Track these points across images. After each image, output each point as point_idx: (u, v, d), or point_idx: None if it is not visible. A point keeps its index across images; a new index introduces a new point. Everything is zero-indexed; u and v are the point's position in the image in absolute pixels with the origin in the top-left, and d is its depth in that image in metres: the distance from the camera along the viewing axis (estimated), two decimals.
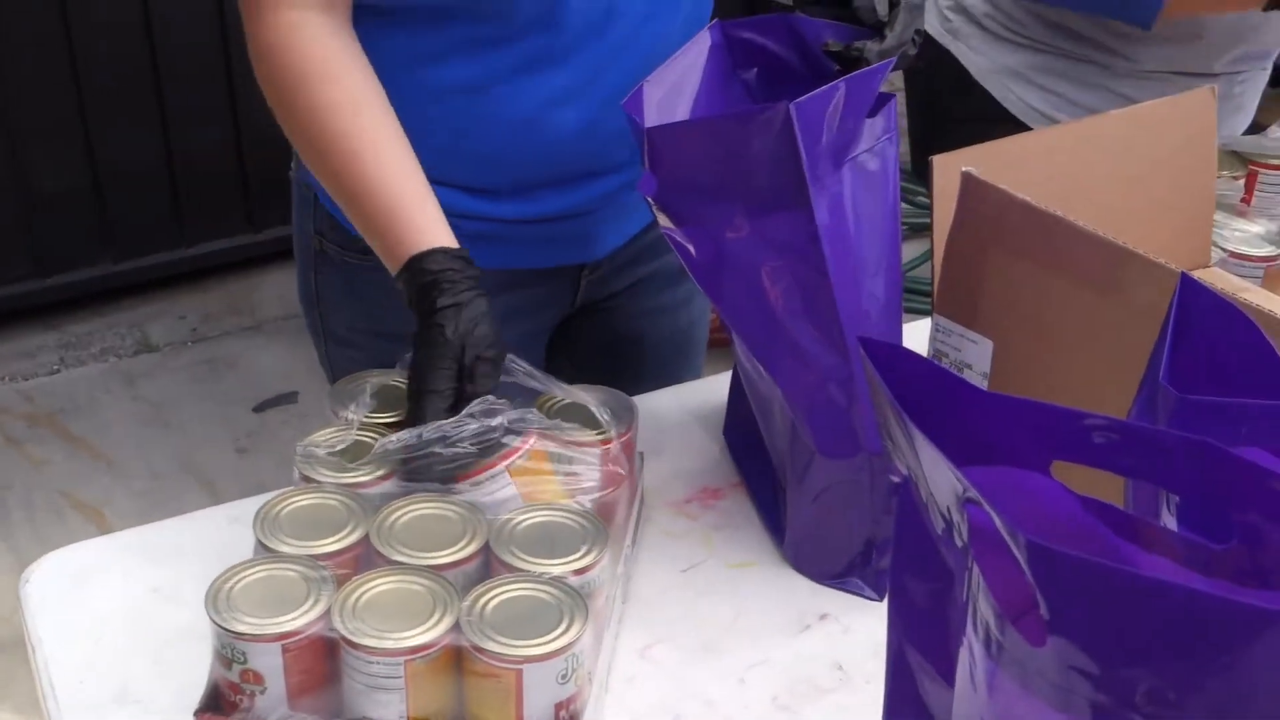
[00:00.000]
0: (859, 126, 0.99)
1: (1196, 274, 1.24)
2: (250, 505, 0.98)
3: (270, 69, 1.07)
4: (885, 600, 0.88)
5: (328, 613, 0.85)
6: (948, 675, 0.67)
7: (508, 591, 0.88)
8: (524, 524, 0.94)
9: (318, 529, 0.92)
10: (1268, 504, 0.53)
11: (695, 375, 1.43)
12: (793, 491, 1.06)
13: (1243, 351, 0.62)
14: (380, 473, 0.97)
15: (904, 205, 1.31)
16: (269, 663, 0.85)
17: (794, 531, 1.08)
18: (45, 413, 2.92)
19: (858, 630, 1.02)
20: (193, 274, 3.30)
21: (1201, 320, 0.63)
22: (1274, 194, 1.50)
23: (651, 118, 1.01)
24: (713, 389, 1.27)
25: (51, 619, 1.01)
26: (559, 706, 0.86)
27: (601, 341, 1.38)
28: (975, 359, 1.04)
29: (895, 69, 1.02)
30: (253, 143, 3.20)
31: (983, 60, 1.69)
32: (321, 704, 0.86)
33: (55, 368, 3.07)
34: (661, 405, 1.26)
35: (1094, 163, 1.16)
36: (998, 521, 0.56)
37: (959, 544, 0.63)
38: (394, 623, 0.85)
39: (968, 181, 0.99)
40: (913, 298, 2.88)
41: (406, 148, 1.06)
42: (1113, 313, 0.91)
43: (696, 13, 1.20)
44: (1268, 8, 1.50)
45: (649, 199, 0.99)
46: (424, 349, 0.98)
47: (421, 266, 1.01)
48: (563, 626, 0.85)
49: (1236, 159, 1.51)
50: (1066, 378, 0.98)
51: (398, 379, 1.04)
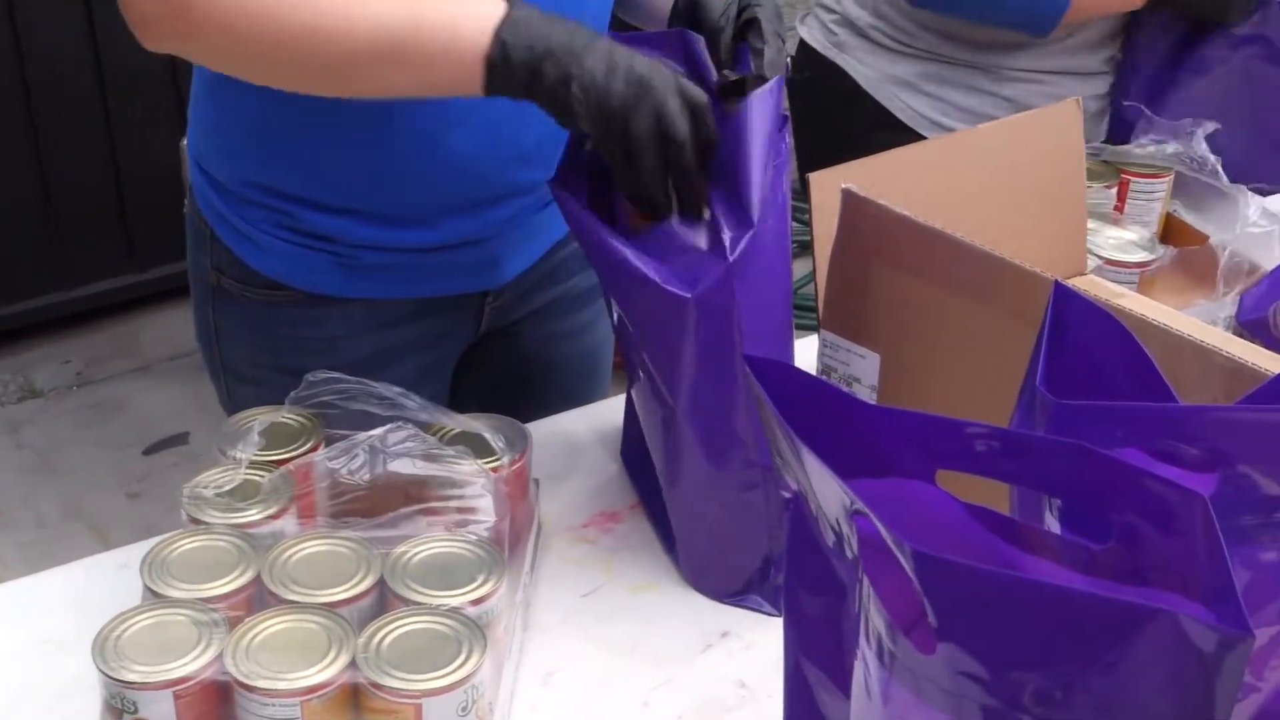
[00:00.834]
0: (767, 148, 0.99)
1: (1073, 281, 1.27)
2: (140, 550, 0.96)
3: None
4: None
5: (220, 656, 0.84)
6: (844, 687, 0.67)
7: (404, 625, 0.87)
8: (418, 556, 0.93)
9: (207, 571, 0.90)
10: (1143, 504, 0.54)
11: (603, 397, 1.43)
12: (688, 511, 1.07)
13: (1117, 356, 0.64)
14: (271, 511, 0.95)
15: (793, 223, 1.33)
16: (161, 710, 0.83)
17: (691, 551, 1.08)
18: None
19: (759, 646, 1.02)
20: (77, 316, 3.22)
21: (1076, 327, 0.64)
22: (1145, 201, 1.54)
23: None
24: (614, 410, 1.27)
25: None
26: None
27: (508, 368, 1.37)
28: (863, 373, 1.05)
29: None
30: (132, 179, 3.14)
31: (870, 71, 1.72)
32: None
33: None
34: (561, 429, 1.25)
35: (968, 175, 1.18)
36: (885, 533, 0.57)
37: (849, 556, 0.64)
38: (289, 663, 0.83)
39: (847, 198, 1.00)
40: (801, 314, 2.91)
41: None
42: (993, 322, 0.93)
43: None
44: (1153, 7, 1.55)
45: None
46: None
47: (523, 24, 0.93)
48: (461, 658, 0.85)
49: (1109, 168, 1.54)
50: (953, 388, 0.99)
51: (287, 415, 1.03)
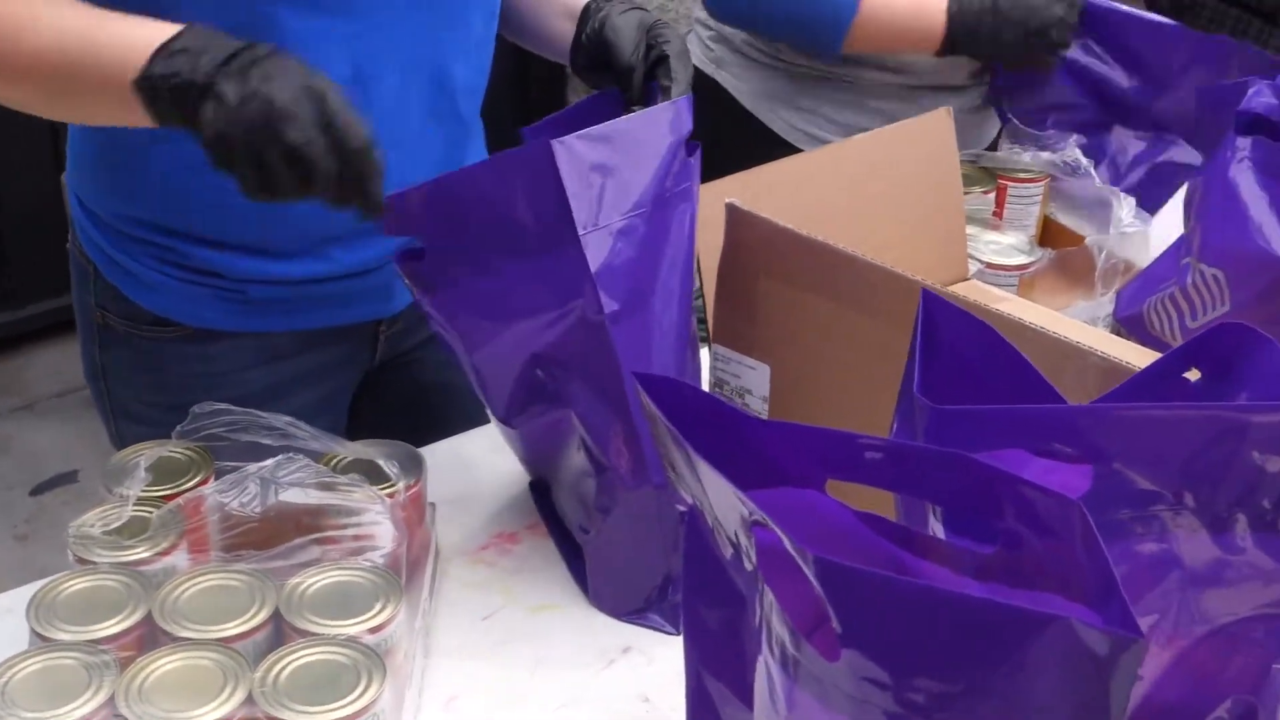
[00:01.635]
0: (657, 166, 1.00)
1: (956, 287, 1.30)
2: (26, 594, 0.93)
3: None
4: None
5: (112, 699, 0.82)
6: (746, 698, 0.68)
7: (302, 657, 0.86)
8: (314, 586, 0.92)
9: (96, 612, 0.88)
10: (1022, 511, 0.56)
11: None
12: (588, 529, 1.07)
13: (989, 358, 0.65)
14: (160, 547, 0.94)
15: None
16: None
17: (592, 569, 1.08)
18: None
19: (661, 660, 1.03)
20: None
21: (947, 331, 0.66)
22: (1023, 205, 1.57)
23: None
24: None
25: None
26: None
27: (407, 395, 1.35)
28: (754, 384, 1.06)
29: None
30: (11, 214, 3.06)
31: (747, 87, 1.74)
32: None
33: None
34: (457, 451, 1.25)
35: (848, 186, 1.21)
36: (786, 541, 0.57)
37: (748, 567, 0.64)
38: (183, 702, 0.82)
39: (731, 212, 1.02)
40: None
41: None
42: (878, 330, 0.95)
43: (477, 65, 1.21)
44: (940, 53, 1.59)
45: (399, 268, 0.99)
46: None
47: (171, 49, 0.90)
48: (361, 687, 0.84)
49: (986, 174, 1.58)
50: (843, 396, 1.01)
51: (175, 449, 1.01)
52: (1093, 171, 1.55)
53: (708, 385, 1.13)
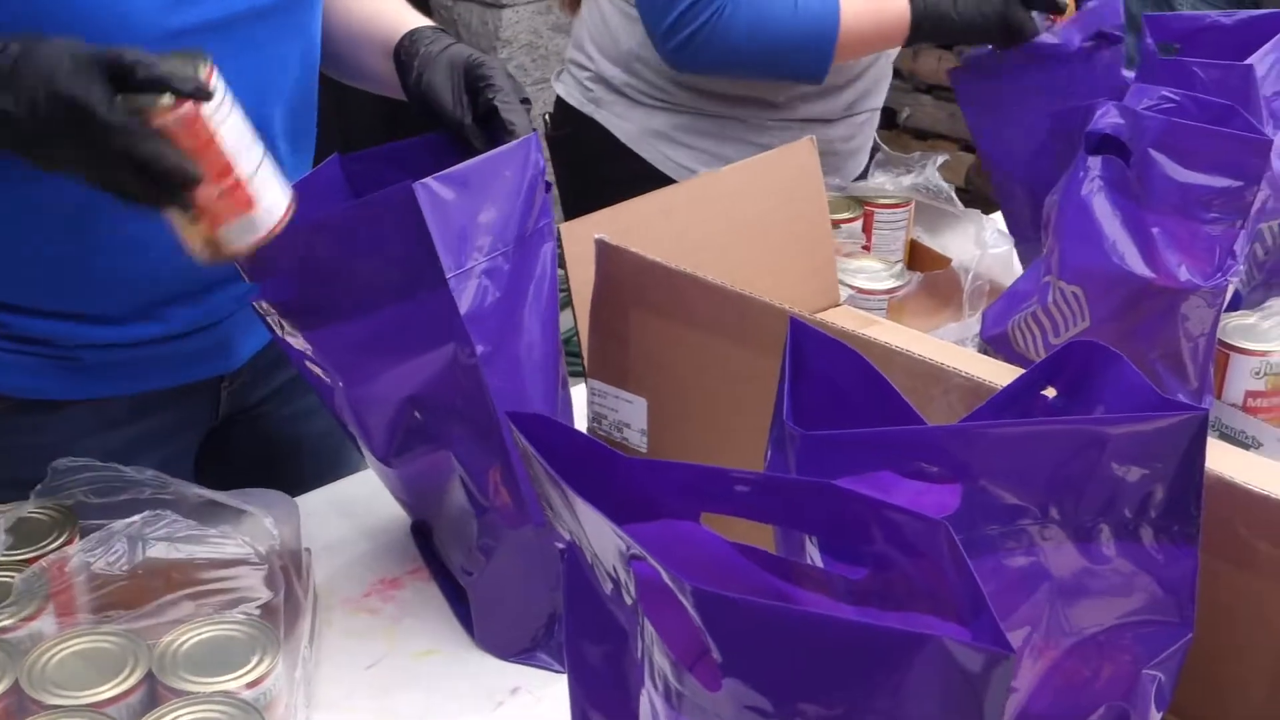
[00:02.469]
0: (516, 204, 0.99)
1: (827, 313, 1.32)
2: None
3: None
4: None
5: None
6: None
7: (178, 717, 0.83)
8: (188, 643, 0.90)
9: None
10: (889, 533, 0.57)
11: (353, 471, 1.39)
12: (471, 570, 1.06)
13: (857, 383, 0.66)
14: (25, 613, 0.91)
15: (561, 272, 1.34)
16: None
17: (477, 610, 1.07)
18: None
19: (551, 699, 1.02)
20: None
21: (814, 358, 0.67)
22: (890, 231, 1.61)
23: None
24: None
25: None
26: None
27: (254, 450, 1.32)
28: (632, 418, 1.07)
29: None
30: None
31: (630, 125, 1.75)
32: None
33: None
34: (334, 498, 1.23)
35: (717, 217, 1.22)
36: (664, 574, 0.57)
37: (628, 602, 0.64)
38: None
39: (601, 247, 1.02)
40: (574, 361, 2.93)
41: None
42: (749, 360, 0.96)
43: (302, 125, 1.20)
44: (911, 44, 1.63)
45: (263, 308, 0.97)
46: None
47: None
48: None
49: (853, 201, 1.61)
50: (720, 426, 1.02)
51: (35, 510, 0.98)
52: (953, 195, 1.59)
53: (585, 420, 1.13)
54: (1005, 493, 0.64)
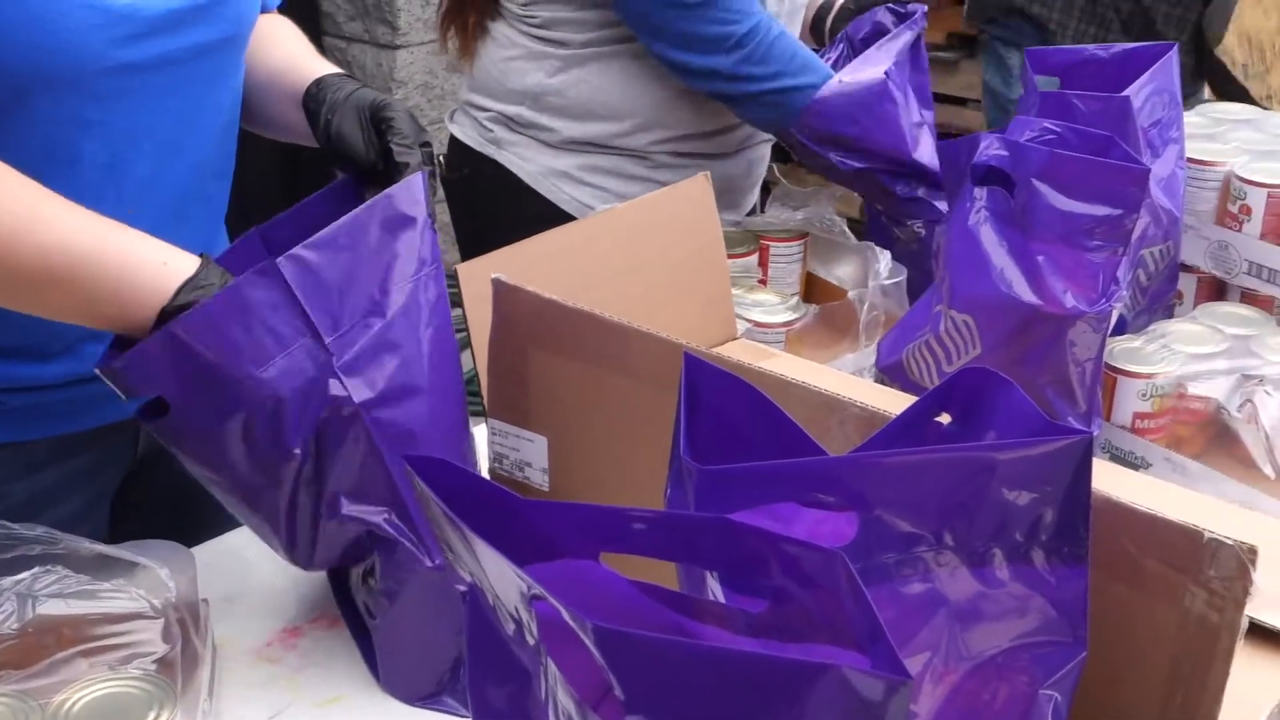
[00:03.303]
0: (395, 249, 0.99)
1: (725, 347, 1.33)
2: None
3: None
4: None
5: None
6: None
7: None
8: (81, 701, 0.88)
9: None
10: (785, 565, 0.57)
11: None
12: (375, 613, 1.05)
13: (752, 416, 0.67)
14: None
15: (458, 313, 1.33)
16: None
17: (382, 654, 1.06)
18: None
19: None
20: None
21: (709, 392, 0.67)
22: (785, 264, 1.63)
23: None
24: None
25: None
26: None
27: (171, 492, 1.30)
28: (533, 457, 1.06)
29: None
30: None
31: (531, 166, 1.76)
32: None
33: None
34: (229, 548, 1.21)
35: (614, 254, 1.22)
36: (564, 613, 0.57)
37: (530, 642, 0.64)
38: None
39: (498, 287, 1.02)
40: (474, 402, 2.92)
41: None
42: (647, 396, 0.96)
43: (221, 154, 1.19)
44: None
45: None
46: None
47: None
48: None
49: (749, 235, 1.63)
50: (621, 463, 1.02)
51: None
52: (845, 228, 1.61)
53: (486, 460, 1.13)
54: (900, 520, 0.65)
